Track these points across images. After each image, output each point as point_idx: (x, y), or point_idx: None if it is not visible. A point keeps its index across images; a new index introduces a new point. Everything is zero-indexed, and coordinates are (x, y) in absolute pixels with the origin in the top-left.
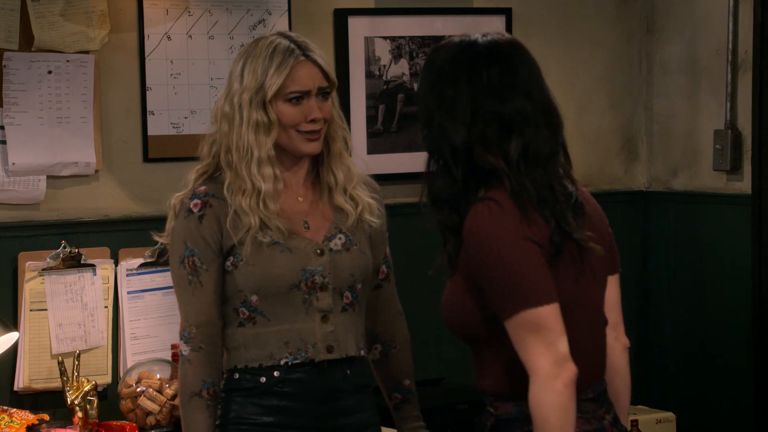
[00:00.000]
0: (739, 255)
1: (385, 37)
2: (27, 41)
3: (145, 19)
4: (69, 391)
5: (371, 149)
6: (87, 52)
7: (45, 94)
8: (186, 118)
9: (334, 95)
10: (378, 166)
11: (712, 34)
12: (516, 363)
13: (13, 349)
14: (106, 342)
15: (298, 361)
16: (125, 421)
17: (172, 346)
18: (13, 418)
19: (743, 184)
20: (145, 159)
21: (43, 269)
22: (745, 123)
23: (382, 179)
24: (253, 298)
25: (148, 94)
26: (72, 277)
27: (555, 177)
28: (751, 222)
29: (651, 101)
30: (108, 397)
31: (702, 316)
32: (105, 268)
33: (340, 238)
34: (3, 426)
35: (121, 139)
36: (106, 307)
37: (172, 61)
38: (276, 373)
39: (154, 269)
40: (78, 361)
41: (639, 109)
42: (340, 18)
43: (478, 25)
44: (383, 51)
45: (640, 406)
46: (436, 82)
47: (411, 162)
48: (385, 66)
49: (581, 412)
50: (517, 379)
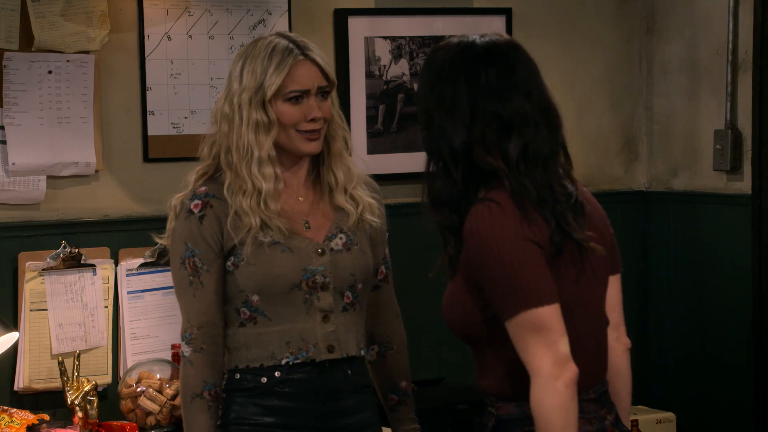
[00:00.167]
0: (739, 255)
1: (385, 37)
2: (27, 41)
3: (145, 19)
4: (69, 391)
5: (371, 149)
6: (87, 52)
7: (45, 94)
8: (186, 118)
9: (333, 95)
10: (378, 166)
11: (712, 34)
12: (517, 363)
13: (13, 349)
14: (106, 342)
15: (299, 361)
16: (125, 421)
17: (172, 346)
18: (13, 418)
19: (743, 184)
20: (145, 159)
21: (43, 269)
22: (745, 123)
23: (382, 179)
24: (254, 298)
25: (148, 94)
26: (72, 277)
27: (555, 177)
28: (751, 222)
29: (651, 101)
30: (108, 397)
31: (702, 316)
32: (105, 268)
33: (341, 238)
34: (3, 426)
35: (121, 139)
36: (106, 307)
37: (172, 61)
38: (277, 373)
39: (154, 269)
40: (78, 361)
41: (639, 109)
42: (340, 18)
43: (478, 25)
44: (383, 51)
45: (640, 406)
46: (436, 83)
47: (411, 162)
48: (385, 66)
49: (583, 413)
50: (517, 379)
